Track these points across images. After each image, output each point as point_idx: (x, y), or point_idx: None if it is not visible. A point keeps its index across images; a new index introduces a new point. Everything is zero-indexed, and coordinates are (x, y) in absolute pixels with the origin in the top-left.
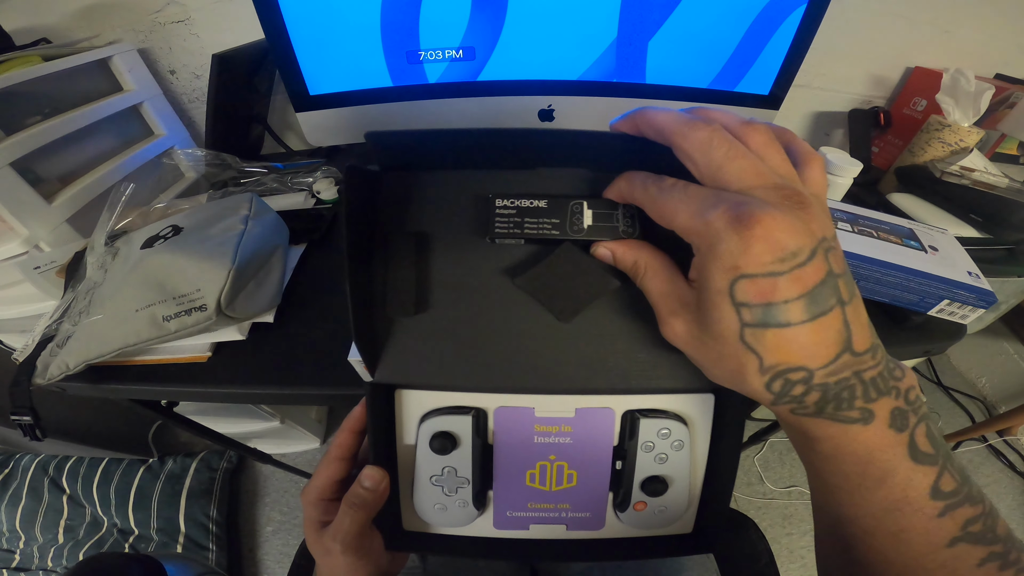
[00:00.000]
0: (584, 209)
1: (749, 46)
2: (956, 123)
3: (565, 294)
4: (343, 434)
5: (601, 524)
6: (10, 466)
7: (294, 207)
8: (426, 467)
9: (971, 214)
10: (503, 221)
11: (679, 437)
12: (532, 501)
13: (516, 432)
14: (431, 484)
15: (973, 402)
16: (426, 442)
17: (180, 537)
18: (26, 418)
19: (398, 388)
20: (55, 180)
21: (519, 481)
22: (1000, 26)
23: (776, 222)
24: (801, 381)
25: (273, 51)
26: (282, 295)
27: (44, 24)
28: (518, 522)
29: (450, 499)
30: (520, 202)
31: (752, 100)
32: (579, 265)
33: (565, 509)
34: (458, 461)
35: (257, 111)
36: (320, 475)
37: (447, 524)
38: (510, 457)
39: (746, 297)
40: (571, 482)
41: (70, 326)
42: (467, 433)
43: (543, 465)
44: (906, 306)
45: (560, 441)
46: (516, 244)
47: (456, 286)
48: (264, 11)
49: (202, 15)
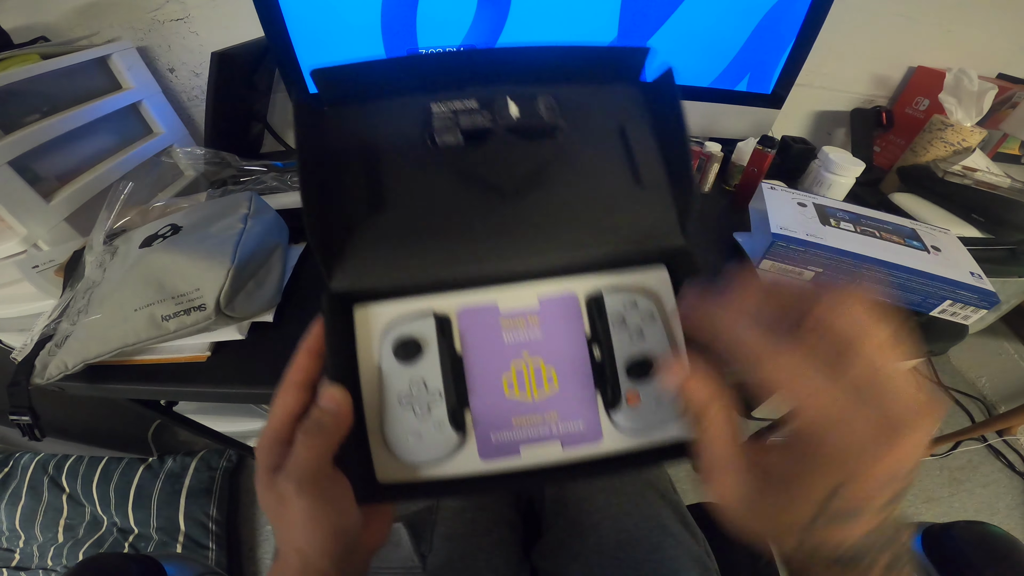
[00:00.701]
0: (510, 103)
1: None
2: (958, 123)
3: (507, 171)
4: (300, 355)
5: (598, 435)
6: (10, 465)
7: (294, 206)
8: (394, 386)
9: (973, 214)
10: (441, 121)
11: (647, 308)
12: (516, 416)
13: (483, 333)
14: (400, 406)
15: (973, 402)
16: (390, 355)
17: (180, 536)
18: (25, 418)
19: (356, 304)
20: (53, 179)
21: (497, 391)
22: (1003, 26)
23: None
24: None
25: (273, 49)
26: (282, 294)
27: (42, 22)
28: (506, 447)
29: (424, 423)
30: (453, 103)
31: (755, 99)
32: (513, 145)
33: (554, 421)
34: (426, 370)
35: (257, 109)
36: (275, 411)
37: (426, 458)
38: (482, 362)
39: (846, 504)
40: (552, 384)
41: (69, 325)
42: (431, 335)
43: (518, 367)
44: (908, 306)
45: (530, 337)
46: (457, 145)
47: (406, 189)
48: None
49: (201, 13)
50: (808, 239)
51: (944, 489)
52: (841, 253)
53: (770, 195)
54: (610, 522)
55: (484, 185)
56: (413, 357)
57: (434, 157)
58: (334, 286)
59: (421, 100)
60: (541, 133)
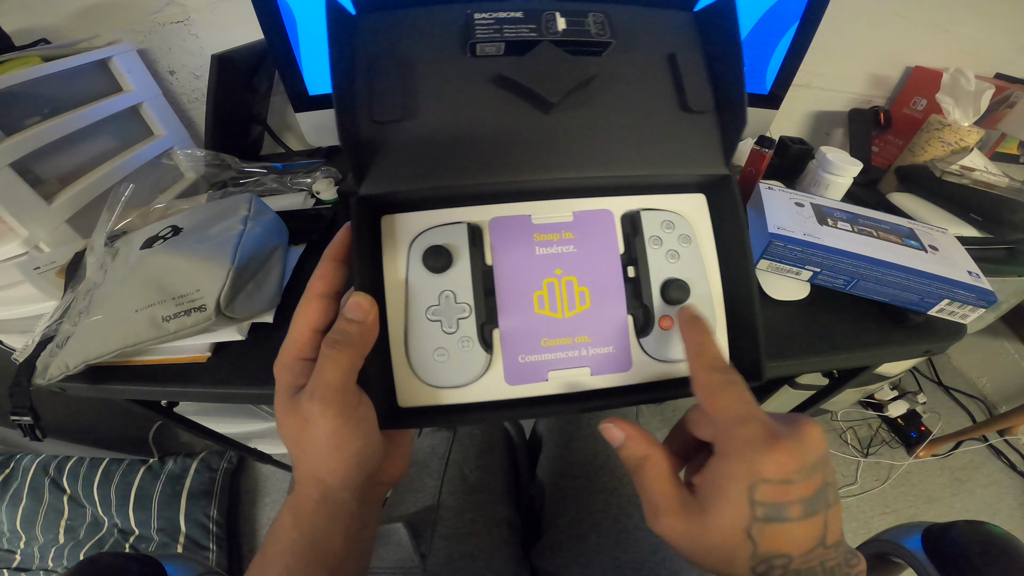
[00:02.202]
0: (557, 17)
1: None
2: (956, 122)
3: (550, 79)
4: (324, 263)
5: (628, 364)
6: (11, 466)
7: (293, 207)
8: (421, 298)
9: (971, 213)
10: (483, 29)
11: (684, 231)
12: (546, 336)
13: (515, 245)
14: (428, 320)
15: (973, 402)
16: (419, 265)
17: (180, 537)
18: (26, 418)
19: (384, 214)
20: (55, 181)
21: (527, 308)
22: (1000, 25)
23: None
24: (781, 566)
25: (272, 51)
26: (281, 295)
27: (43, 24)
28: (534, 370)
29: (451, 338)
30: (498, 13)
31: (752, 100)
32: (560, 57)
33: (585, 344)
34: (456, 282)
35: (256, 111)
36: (296, 325)
37: (452, 379)
38: (513, 277)
39: (763, 497)
40: (584, 303)
41: (70, 326)
42: (463, 245)
43: (550, 283)
44: (906, 306)
45: (563, 251)
46: (496, 56)
47: (442, 96)
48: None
49: (201, 15)
50: (805, 239)
51: (945, 489)
52: (838, 253)
53: (768, 195)
54: (610, 522)
55: (525, 95)
56: (443, 267)
57: (473, 66)
58: (364, 190)
59: (460, 9)
60: (588, 49)
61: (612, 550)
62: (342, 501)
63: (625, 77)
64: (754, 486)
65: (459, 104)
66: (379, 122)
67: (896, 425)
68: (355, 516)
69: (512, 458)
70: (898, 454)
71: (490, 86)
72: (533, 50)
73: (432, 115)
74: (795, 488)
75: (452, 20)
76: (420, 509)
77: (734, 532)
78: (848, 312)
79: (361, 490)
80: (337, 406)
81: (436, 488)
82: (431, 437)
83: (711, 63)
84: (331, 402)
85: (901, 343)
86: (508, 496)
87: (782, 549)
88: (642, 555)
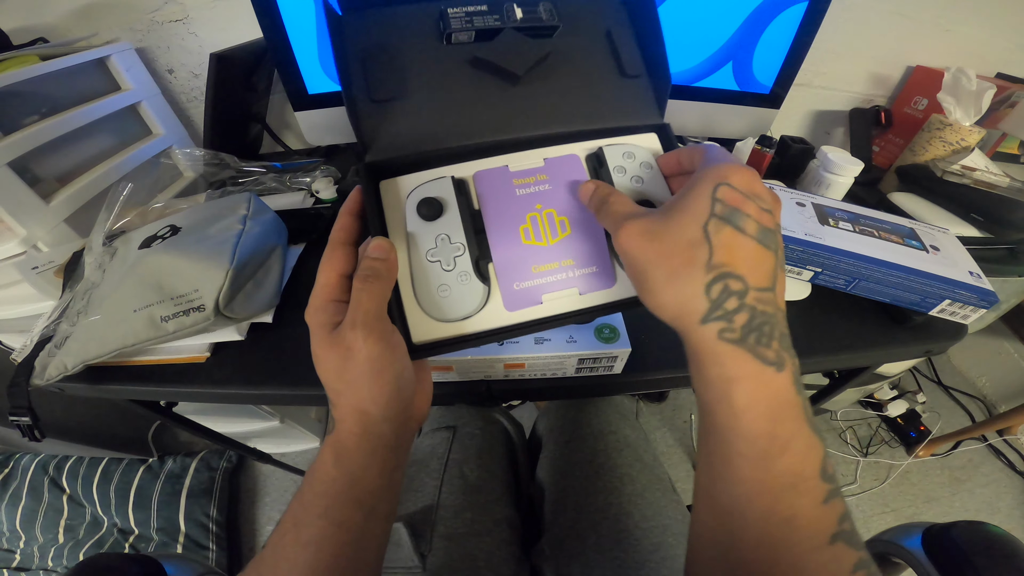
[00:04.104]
0: (515, 8)
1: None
2: (957, 122)
3: (515, 56)
4: (343, 217)
5: (611, 280)
6: (10, 466)
7: (293, 206)
8: (421, 243)
9: (972, 213)
10: (456, 21)
11: (644, 159)
12: (535, 263)
13: (498, 189)
14: (429, 262)
15: (973, 401)
16: (415, 215)
17: (180, 537)
18: (25, 419)
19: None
20: (53, 180)
21: (515, 241)
22: (1001, 25)
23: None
24: (736, 294)
25: (271, 50)
26: (281, 295)
27: (41, 23)
28: (528, 295)
29: (451, 275)
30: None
31: (753, 99)
32: (520, 39)
33: (570, 267)
34: (448, 225)
35: (255, 110)
36: (324, 272)
37: (458, 310)
38: (499, 216)
39: (723, 196)
40: (565, 230)
41: (68, 326)
42: (450, 194)
43: (533, 216)
44: (907, 306)
45: (540, 189)
46: (468, 43)
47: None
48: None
49: (200, 14)
50: (807, 239)
51: (945, 489)
52: (840, 253)
53: None
54: (610, 522)
55: (496, 72)
56: (436, 215)
57: (450, 52)
58: (369, 158)
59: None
60: (542, 32)
61: (612, 550)
62: (381, 433)
63: (574, 52)
64: (718, 187)
65: (441, 83)
66: (376, 101)
67: (896, 425)
68: (392, 451)
69: (512, 458)
70: (897, 453)
71: (466, 67)
72: (499, 35)
73: (420, 93)
74: (751, 205)
75: (428, 15)
76: (420, 509)
77: (693, 224)
78: (849, 312)
79: (398, 421)
80: (377, 332)
81: (436, 488)
82: (431, 437)
83: (639, 38)
84: (372, 328)
85: (902, 343)
86: (508, 496)
87: (737, 267)
88: (643, 555)
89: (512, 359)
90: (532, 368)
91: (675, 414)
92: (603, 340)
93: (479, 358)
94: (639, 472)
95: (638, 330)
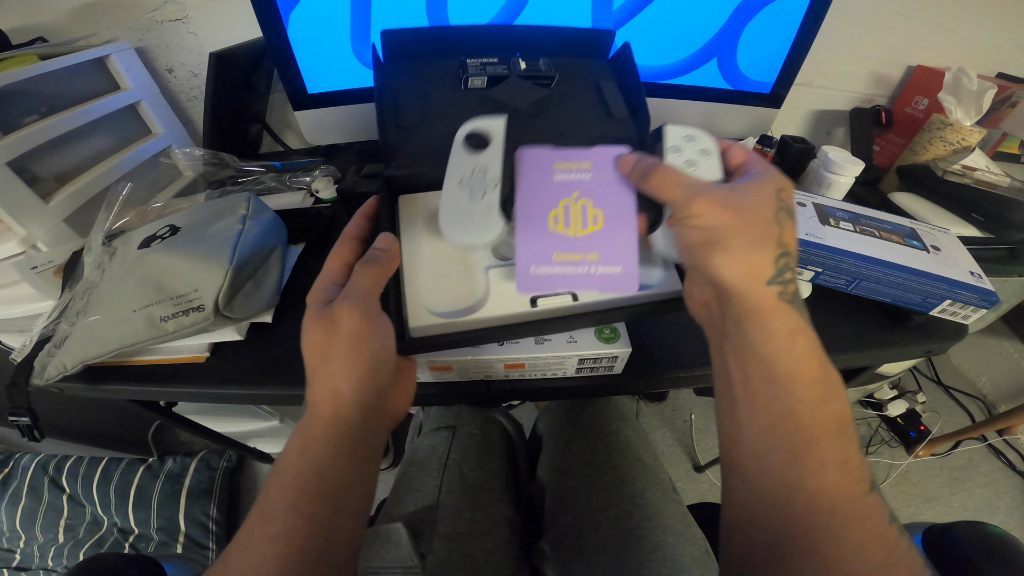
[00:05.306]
0: (520, 60)
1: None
2: (958, 122)
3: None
4: (358, 217)
5: (633, 285)
6: (10, 466)
7: (292, 206)
8: (457, 170)
9: (973, 213)
10: (473, 69)
11: (704, 146)
12: (559, 251)
13: (537, 171)
14: (459, 188)
15: (973, 401)
16: (460, 146)
17: (180, 536)
18: (24, 419)
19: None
20: (52, 179)
21: (543, 226)
22: (1002, 25)
23: None
24: (790, 269)
25: (271, 50)
26: (280, 295)
27: (40, 23)
28: (544, 282)
29: (476, 205)
30: (481, 59)
31: (753, 99)
32: (524, 84)
33: (594, 262)
34: (489, 160)
35: (255, 110)
36: (331, 258)
37: (468, 235)
38: (532, 197)
39: (784, 197)
40: (597, 224)
41: (67, 326)
42: (500, 133)
43: (567, 204)
44: (908, 306)
45: (581, 178)
46: (481, 88)
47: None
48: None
49: (200, 13)
50: (807, 239)
51: (944, 488)
52: (840, 253)
53: None
54: (610, 522)
55: (502, 108)
56: (480, 147)
57: (465, 94)
58: (389, 172)
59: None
60: (542, 81)
61: (613, 550)
62: (349, 418)
63: (568, 98)
64: (779, 190)
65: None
66: (401, 127)
67: (895, 424)
68: (360, 442)
69: (512, 458)
70: (897, 453)
71: (478, 105)
72: (506, 81)
73: (437, 123)
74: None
75: (450, 66)
76: (420, 509)
77: (767, 209)
78: (850, 312)
79: (368, 407)
80: (364, 307)
81: (436, 488)
82: (431, 437)
83: (623, 89)
84: (359, 302)
85: (902, 343)
86: (508, 496)
87: (791, 248)
88: (643, 555)
89: (512, 359)
90: (532, 368)
91: (675, 414)
92: (603, 340)
93: (479, 358)
94: (639, 472)
95: (638, 330)
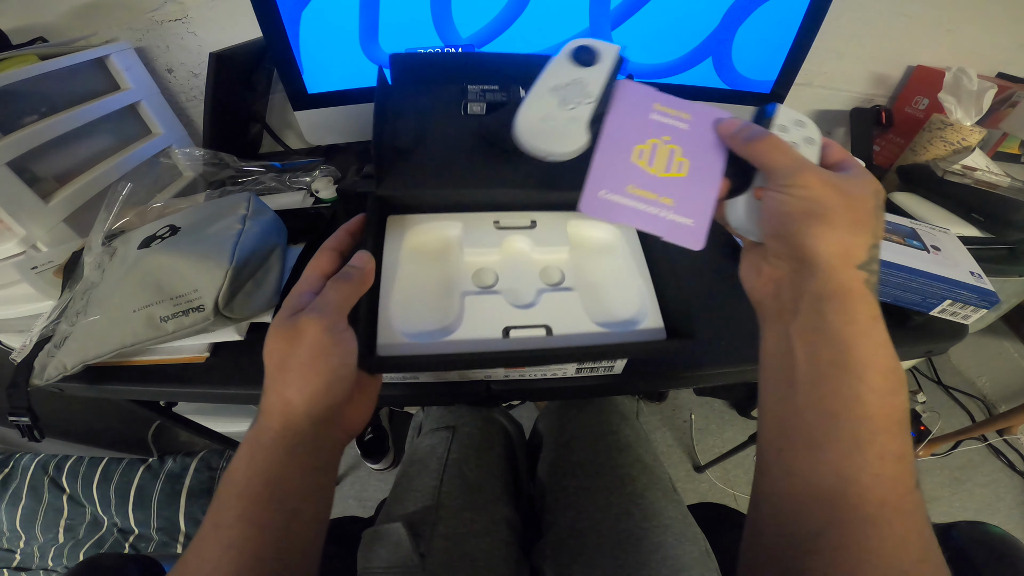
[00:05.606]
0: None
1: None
2: (958, 122)
3: None
4: (340, 232)
5: (701, 241)
6: (10, 466)
7: (292, 206)
8: (555, 76)
9: (973, 213)
10: (473, 95)
11: (811, 134)
12: (634, 184)
13: (633, 105)
14: (550, 93)
15: (973, 401)
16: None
17: (180, 536)
18: (24, 419)
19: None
20: (52, 179)
21: (625, 154)
22: (1003, 25)
23: None
24: (878, 261)
25: (271, 50)
26: (280, 295)
27: (41, 23)
28: (609, 209)
29: (564, 113)
30: (482, 86)
31: (754, 99)
32: None
33: (668, 206)
34: (592, 77)
35: (255, 110)
36: (309, 268)
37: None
38: (621, 127)
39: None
40: (681, 171)
41: (67, 327)
42: (611, 56)
43: (655, 144)
44: (908, 306)
45: (677, 125)
46: (480, 115)
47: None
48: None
49: (200, 13)
50: None
51: (944, 488)
52: None
53: None
54: (610, 522)
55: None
56: (585, 64)
57: (464, 121)
58: (380, 191)
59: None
60: None
61: (613, 550)
62: (301, 430)
63: None
64: (877, 191)
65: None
66: (397, 148)
67: None
68: (311, 454)
69: (512, 457)
70: None
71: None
72: (504, 108)
73: (432, 147)
74: None
75: (452, 93)
76: (419, 509)
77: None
78: None
79: (321, 421)
80: (329, 320)
81: (435, 488)
82: (431, 437)
83: None
84: (325, 315)
85: (902, 343)
86: (508, 496)
87: (880, 239)
88: (643, 555)
89: None
90: (532, 368)
91: (675, 414)
92: None
93: None
94: (639, 472)
95: None
